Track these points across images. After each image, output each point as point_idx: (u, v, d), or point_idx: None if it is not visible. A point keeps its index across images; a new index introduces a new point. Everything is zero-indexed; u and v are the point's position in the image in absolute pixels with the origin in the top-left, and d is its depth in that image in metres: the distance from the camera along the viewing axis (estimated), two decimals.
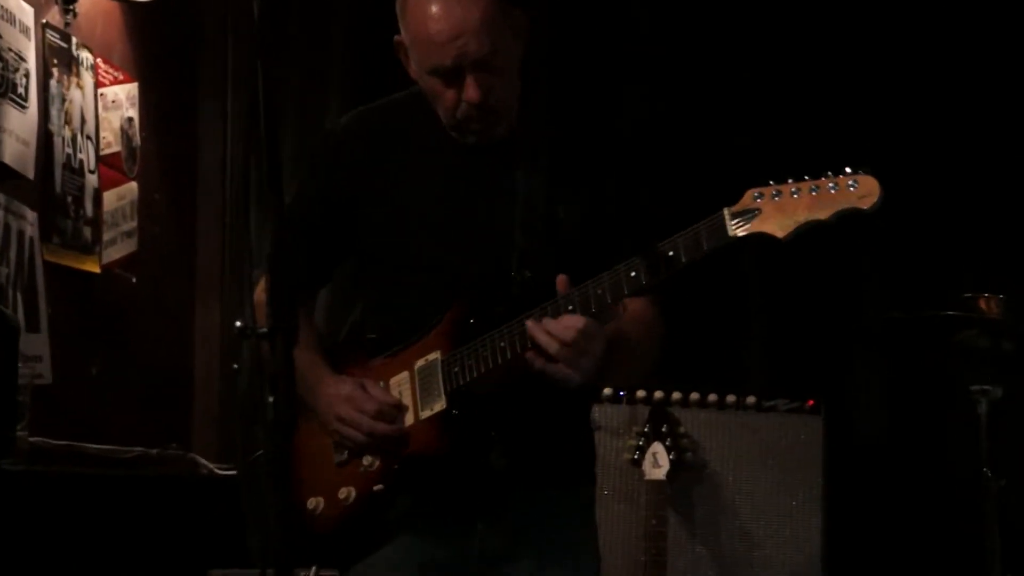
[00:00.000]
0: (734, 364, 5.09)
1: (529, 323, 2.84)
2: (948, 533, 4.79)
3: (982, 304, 3.97)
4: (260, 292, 3.18)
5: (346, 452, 3.04)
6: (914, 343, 4.38)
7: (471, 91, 2.92)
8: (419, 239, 3.05)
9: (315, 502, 3.05)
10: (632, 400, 4.53)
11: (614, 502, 4.48)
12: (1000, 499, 3.94)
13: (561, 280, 2.85)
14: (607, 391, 4.52)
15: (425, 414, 2.98)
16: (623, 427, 4.52)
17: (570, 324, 2.82)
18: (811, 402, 4.59)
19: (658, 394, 4.53)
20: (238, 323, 2.23)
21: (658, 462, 4.41)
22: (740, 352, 5.12)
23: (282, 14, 5.19)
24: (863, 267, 5.08)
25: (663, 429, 4.45)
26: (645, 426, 4.46)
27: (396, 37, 3.02)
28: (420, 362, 3.01)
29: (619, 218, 3.06)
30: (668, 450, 4.42)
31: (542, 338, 2.83)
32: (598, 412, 4.51)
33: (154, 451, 4.79)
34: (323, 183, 3.16)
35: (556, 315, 2.83)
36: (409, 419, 3.00)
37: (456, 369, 2.95)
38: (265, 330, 2.19)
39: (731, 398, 4.58)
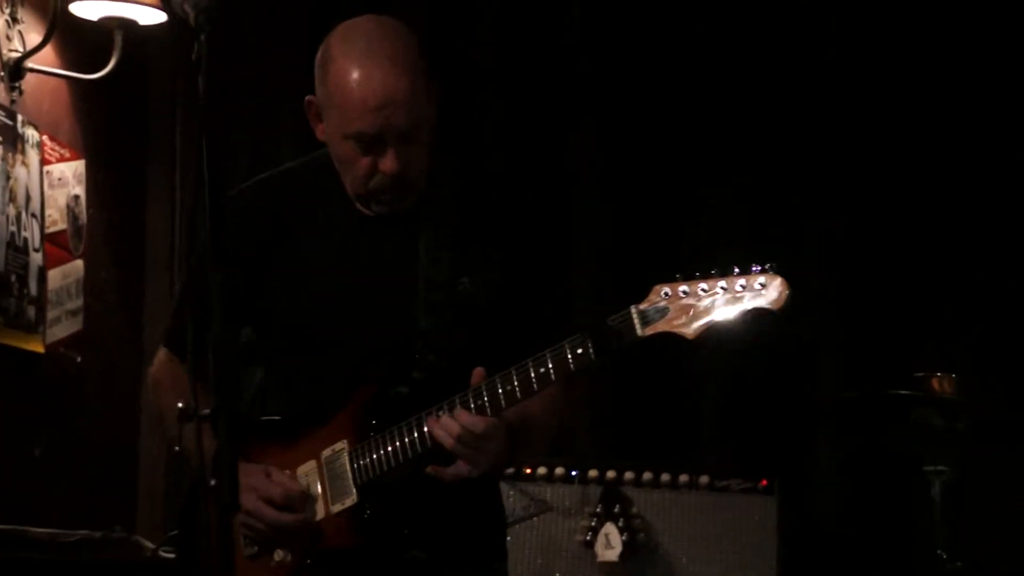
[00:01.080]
0: (687, 443, 5.05)
1: (429, 420, 2.81)
2: None
3: (935, 383, 3.97)
4: (156, 368, 3.13)
5: (256, 546, 2.95)
6: (868, 422, 4.36)
7: (390, 163, 2.84)
8: (320, 314, 2.97)
9: None
10: (584, 480, 4.49)
11: None
12: None
13: (477, 373, 2.81)
14: (559, 471, 4.48)
15: (336, 508, 2.91)
16: (575, 508, 4.47)
17: (467, 423, 2.78)
18: (764, 482, 4.56)
19: (610, 474, 4.49)
20: (179, 404, 2.19)
21: (611, 543, 4.37)
22: (693, 431, 5.09)
23: (230, 83, 5.15)
24: (817, 345, 5.07)
25: (615, 510, 4.41)
26: (597, 507, 4.43)
27: (308, 97, 2.93)
28: (327, 451, 2.93)
29: (527, 293, 3.01)
30: (621, 531, 4.38)
31: (438, 433, 2.79)
32: (550, 492, 4.47)
33: (98, 534, 4.69)
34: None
35: (454, 409, 2.79)
36: (320, 512, 2.92)
37: (364, 462, 2.88)
38: (207, 412, 2.15)
39: (684, 478, 4.54)
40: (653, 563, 4.48)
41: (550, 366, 2.74)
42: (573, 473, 4.50)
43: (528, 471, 4.47)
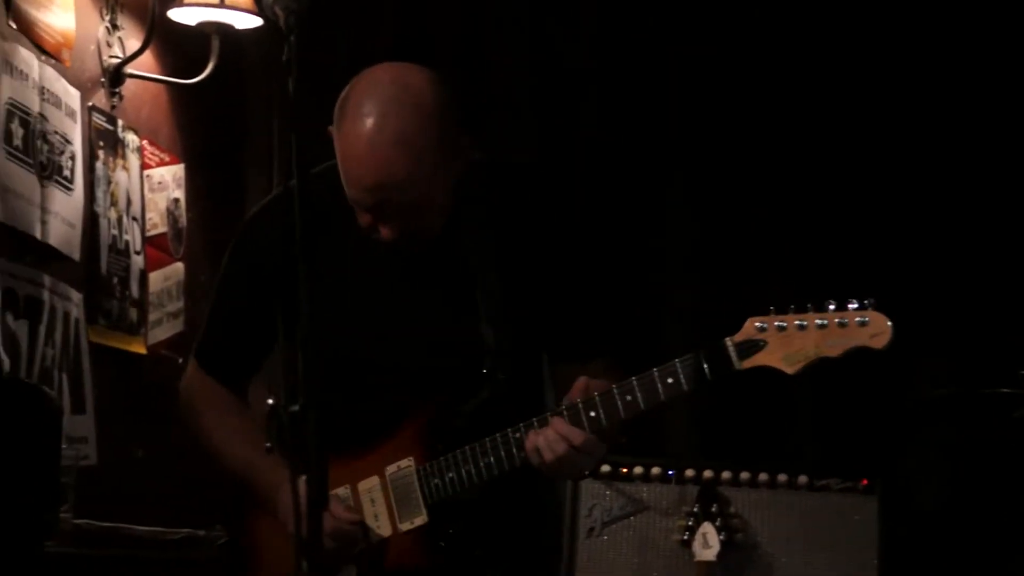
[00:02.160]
0: (785, 442, 5.02)
1: (530, 434, 2.77)
2: None
3: None
4: (188, 383, 3.12)
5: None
6: (970, 420, 4.30)
7: (387, 232, 2.82)
8: (364, 335, 2.94)
9: None
10: (681, 480, 4.47)
11: None
12: None
13: (580, 383, 2.77)
14: (655, 470, 4.46)
15: (405, 526, 2.90)
16: (672, 507, 4.45)
17: (574, 439, 2.74)
18: (865, 481, 4.50)
19: (707, 474, 4.46)
20: (269, 400, 2.21)
21: (708, 543, 4.34)
22: (791, 430, 5.06)
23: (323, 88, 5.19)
24: (916, 342, 5.00)
25: (713, 509, 4.38)
26: (695, 506, 4.40)
27: (330, 128, 2.89)
28: (392, 468, 2.92)
29: (583, 308, 2.98)
30: (718, 530, 4.35)
31: (541, 445, 2.75)
32: (646, 492, 4.46)
33: (201, 532, 4.75)
34: (250, 268, 3.04)
35: (552, 422, 2.76)
36: (386, 529, 2.92)
37: (436, 482, 2.86)
38: (296, 408, 2.17)
39: (782, 477, 4.50)
40: (751, 563, 4.45)
41: (680, 377, 2.71)
42: (670, 473, 4.48)
43: (625, 471, 4.45)
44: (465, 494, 2.86)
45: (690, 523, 4.39)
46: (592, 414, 2.74)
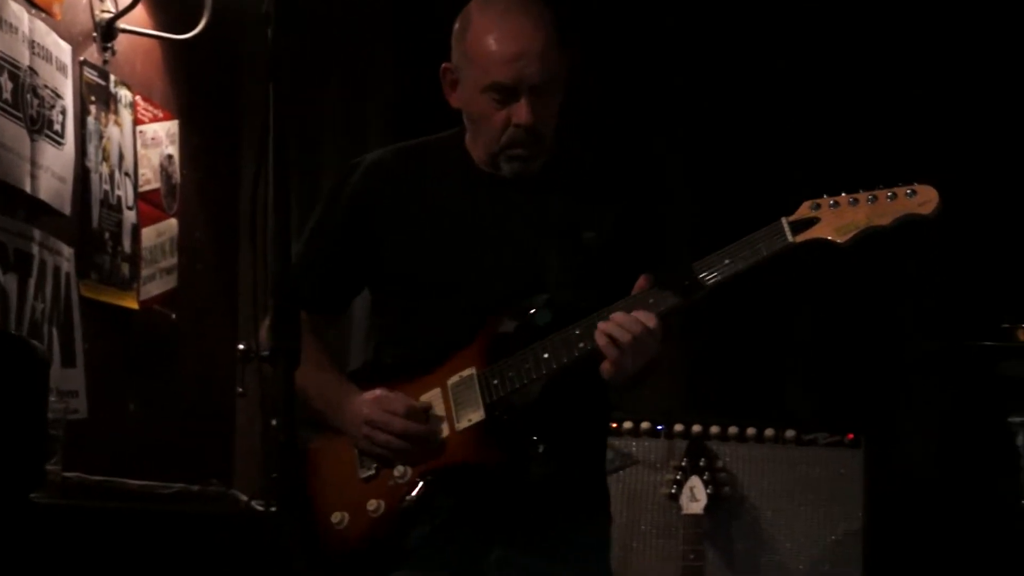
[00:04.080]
0: (773, 397, 5.05)
1: (600, 323, 2.88)
2: (989, 566, 4.71)
3: (1020, 334, 3.92)
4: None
5: (374, 466, 3.04)
6: (953, 374, 4.33)
7: (523, 113, 2.98)
8: (443, 265, 3.09)
9: (340, 516, 3.04)
10: (670, 434, 4.50)
11: (652, 536, 4.45)
12: None
13: (643, 280, 2.91)
14: (645, 425, 4.50)
15: (462, 425, 2.99)
16: (661, 461, 4.49)
17: (644, 318, 2.86)
18: (851, 435, 4.54)
19: (696, 428, 4.50)
20: (241, 346, 2.24)
21: (696, 496, 4.38)
22: (779, 385, 5.08)
23: (324, 52, 5.23)
24: (902, 298, 5.03)
25: (701, 463, 4.42)
26: (683, 460, 4.44)
27: (444, 64, 3.10)
28: (454, 378, 3.03)
29: (651, 238, 3.11)
30: (706, 484, 4.39)
31: (612, 328, 2.86)
32: (635, 446, 4.49)
33: (195, 487, 4.78)
34: (347, 211, 3.19)
35: (629, 309, 2.88)
36: (444, 431, 3.01)
37: (496, 381, 2.97)
38: (267, 353, 2.19)
39: (769, 432, 4.54)
40: (738, 516, 4.49)
41: (737, 258, 2.85)
42: (659, 427, 4.51)
43: (615, 425, 4.49)
44: (524, 393, 2.96)
45: (678, 477, 4.42)
46: (651, 301, 2.89)
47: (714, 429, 4.51)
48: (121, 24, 4.42)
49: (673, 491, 4.40)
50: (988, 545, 4.73)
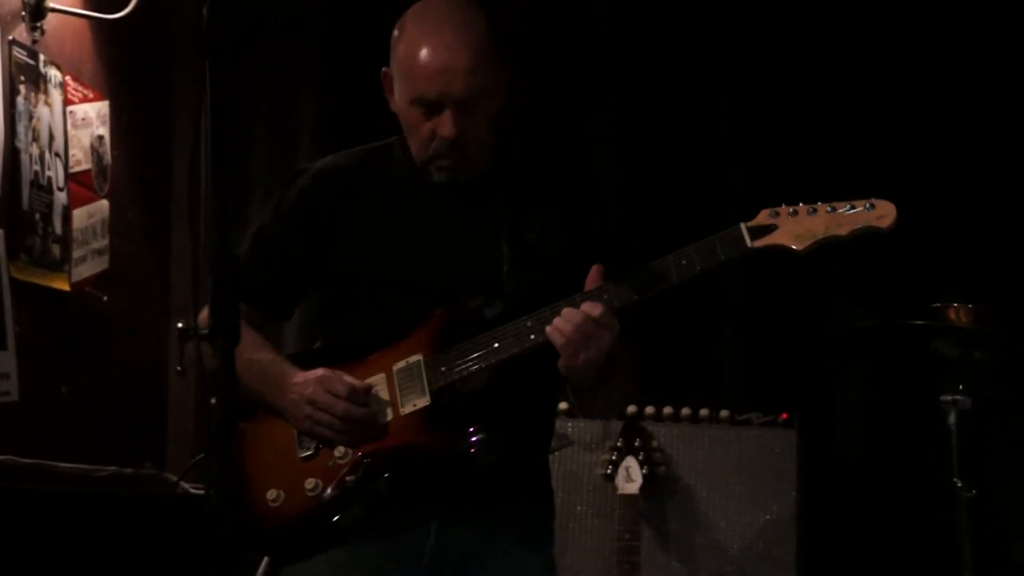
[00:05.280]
0: (707, 378, 5.07)
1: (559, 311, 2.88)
2: (921, 544, 4.76)
3: (951, 314, 3.97)
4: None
5: (314, 445, 3.03)
6: (885, 353, 4.36)
7: (447, 127, 2.99)
8: (392, 261, 3.10)
9: (275, 493, 3.03)
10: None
11: (587, 517, 4.47)
12: (970, 510, 3.91)
13: (595, 271, 2.92)
14: None
15: (407, 409, 3.00)
16: (596, 442, 4.51)
17: (587, 308, 2.86)
18: (784, 415, 4.59)
19: (631, 408, 4.52)
20: (179, 324, 2.22)
21: (631, 476, 4.40)
22: (713, 366, 5.10)
23: (254, 35, 5.21)
24: (834, 278, 5.06)
25: (636, 444, 4.44)
26: (618, 441, 4.46)
27: (384, 68, 3.11)
28: (400, 364, 3.03)
29: (592, 238, 3.12)
30: (641, 464, 4.41)
31: (559, 323, 2.86)
32: (571, 427, 4.50)
33: (128, 470, 4.75)
34: (294, 216, 3.20)
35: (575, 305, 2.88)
36: (388, 414, 3.01)
37: (443, 368, 2.98)
38: (206, 331, 2.18)
39: (704, 412, 4.57)
40: (673, 496, 4.52)
41: (694, 260, 2.88)
42: None
43: None
44: (470, 381, 2.97)
45: (613, 457, 4.44)
46: (605, 296, 2.89)
47: (649, 409, 4.54)
48: (50, 3, 4.36)
49: (609, 471, 4.42)
50: (921, 524, 4.78)
